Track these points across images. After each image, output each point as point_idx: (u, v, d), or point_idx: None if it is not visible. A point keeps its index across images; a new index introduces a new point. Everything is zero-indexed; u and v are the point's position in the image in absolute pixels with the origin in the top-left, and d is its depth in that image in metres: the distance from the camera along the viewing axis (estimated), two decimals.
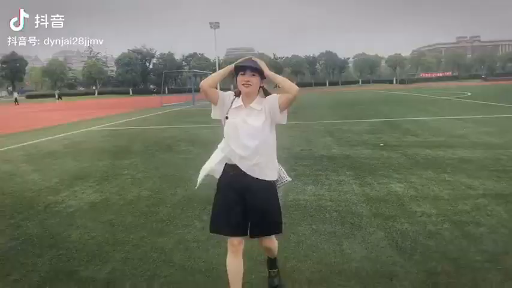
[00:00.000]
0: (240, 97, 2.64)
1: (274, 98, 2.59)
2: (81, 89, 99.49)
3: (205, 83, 2.61)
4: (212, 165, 2.74)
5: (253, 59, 2.62)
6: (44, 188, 6.32)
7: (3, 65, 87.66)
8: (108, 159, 8.55)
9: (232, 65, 2.61)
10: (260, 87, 2.63)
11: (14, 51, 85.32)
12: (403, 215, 4.40)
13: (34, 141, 12.11)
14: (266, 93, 2.67)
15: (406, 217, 4.33)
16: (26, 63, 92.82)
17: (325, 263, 3.33)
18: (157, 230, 4.29)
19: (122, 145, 10.77)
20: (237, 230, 2.59)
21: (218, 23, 64.01)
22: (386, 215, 4.42)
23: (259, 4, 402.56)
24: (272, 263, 3.09)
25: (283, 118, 2.63)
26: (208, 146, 2.89)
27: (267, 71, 2.57)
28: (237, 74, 2.60)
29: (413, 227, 4.03)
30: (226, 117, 2.61)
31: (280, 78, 2.59)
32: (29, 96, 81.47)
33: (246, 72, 2.54)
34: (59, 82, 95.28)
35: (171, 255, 3.61)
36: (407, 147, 8.60)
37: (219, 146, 2.77)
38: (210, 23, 64.03)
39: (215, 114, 2.73)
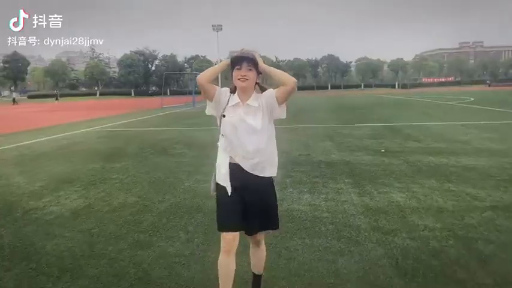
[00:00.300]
0: (236, 94, 2.53)
1: (271, 92, 2.50)
2: (83, 89, 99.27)
3: (202, 77, 2.49)
4: (222, 176, 2.55)
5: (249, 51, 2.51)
6: (27, 192, 6.01)
7: (5, 65, 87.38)
8: (99, 162, 8.24)
9: (229, 60, 2.52)
10: (256, 83, 2.54)
11: (16, 51, 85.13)
12: (405, 229, 4.07)
13: (29, 142, 11.83)
14: (262, 89, 2.57)
15: (407, 231, 4.01)
16: (28, 63, 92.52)
17: (317, 284, 3.01)
18: (138, 241, 3.97)
19: (116, 147, 10.47)
20: (232, 226, 2.51)
21: (221, 25, 63.97)
22: (386, 229, 4.10)
23: (261, 7, 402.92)
24: (257, 283, 2.82)
25: (282, 112, 2.55)
26: (205, 149, 2.70)
27: (262, 64, 2.49)
28: (232, 69, 2.49)
29: (415, 243, 3.71)
30: (223, 116, 2.50)
31: (276, 71, 2.50)
32: (31, 96, 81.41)
33: (243, 66, 2.44)
34: (61, 82, 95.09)
35: (149, 272, 3.29)
36: (409, 153, 8.27)
37: (219, 145, 2.60)
38: (212, 25, 64.00)
39: (210, 110, 2.62)
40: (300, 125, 14.77)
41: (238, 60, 2.45)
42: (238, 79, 2.46)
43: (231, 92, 2.56)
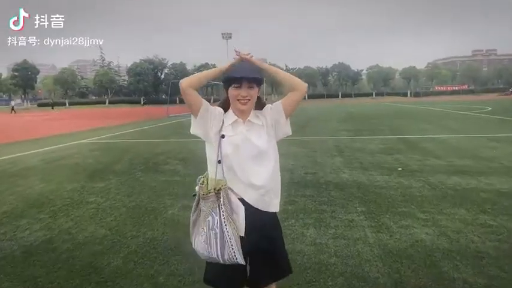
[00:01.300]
0: (231, 110, 2.10)
1: (274, 106, 2.11)
2: (93, 98, 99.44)
3: (185, 81, 2.02)
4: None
5: (246, 59, 2.04)
6: None
7: (15, 73, 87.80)
8: (81, 181, 7.38)
9: (221, 68, 2.08)
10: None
11: (25, 59, 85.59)
12: (438, 286, 3.10)
13: (15, 155, 11.05)
14: (260, 104, 2.13)
15: None
16: (38, 72, 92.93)
17: None
18: None
19: (106, 162, 9.61)
20: (234, 283, 2.09)
21: (230, 33, 63.85)
22: (412, 285, 3.13)
23: (272, 15, 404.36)
24: None
25: (288, 128, 2.16)
26: (201, 165, 1.91)
27: (264, 65, 2.09)
28: (228, 85, 2.05)
29: None
30: (223, 136, 2.04)
31: (282, 73, 2.13)
32: (40, 104, 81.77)
33: (243, 84, 2.00)
34: (71, 91, 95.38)
35: None
36: (430, 173, 7.26)
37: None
38: (222, 33, 63.85)
39: (195, 129, 2.12)
40: (308, 137, 13.83)
41: (236, 78, 2.00)
42: (238, 100, 2.03)
43: (223, 109, 2.14)
